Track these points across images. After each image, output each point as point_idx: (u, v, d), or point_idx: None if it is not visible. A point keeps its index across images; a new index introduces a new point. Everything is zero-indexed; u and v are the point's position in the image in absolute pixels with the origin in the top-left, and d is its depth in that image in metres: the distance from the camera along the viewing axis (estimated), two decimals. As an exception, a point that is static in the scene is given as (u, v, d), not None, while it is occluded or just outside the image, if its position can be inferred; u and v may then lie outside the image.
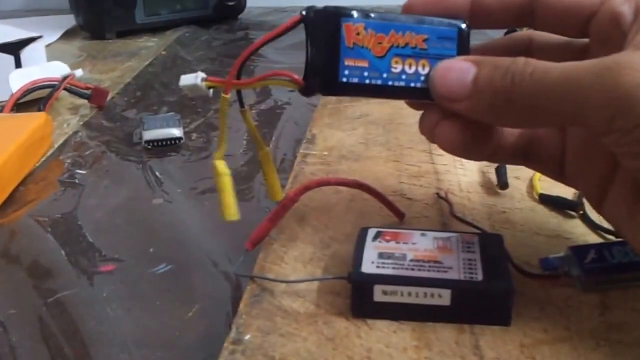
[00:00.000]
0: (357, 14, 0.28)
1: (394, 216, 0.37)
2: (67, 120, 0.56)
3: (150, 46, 0.77)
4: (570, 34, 0.30)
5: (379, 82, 0.29)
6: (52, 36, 0.79)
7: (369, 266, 0.30)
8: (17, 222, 0.41)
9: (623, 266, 0.30)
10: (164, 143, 0.50)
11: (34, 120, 0.49)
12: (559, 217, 0.37)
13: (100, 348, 0.30)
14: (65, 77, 0.56)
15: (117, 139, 0.52)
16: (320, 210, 0.38)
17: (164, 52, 0.74)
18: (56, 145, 0.51)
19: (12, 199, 0.43)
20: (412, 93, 0.29)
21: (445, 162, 0.43)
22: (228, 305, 0.33)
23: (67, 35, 0.81)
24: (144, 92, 0.63)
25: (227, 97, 0.31)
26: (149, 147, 0.50)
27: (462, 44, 0.29)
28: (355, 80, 0.28)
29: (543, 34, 0.32)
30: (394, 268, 0.30)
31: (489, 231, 0.35)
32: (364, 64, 0.28)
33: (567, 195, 0.38)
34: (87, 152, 0.50)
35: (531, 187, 0.39)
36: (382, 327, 0.29)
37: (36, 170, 0.47)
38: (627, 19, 0.27)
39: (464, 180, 0.41)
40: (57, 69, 0.58)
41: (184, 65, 0.70)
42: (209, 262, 0.36)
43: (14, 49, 0.59)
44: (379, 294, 0.29)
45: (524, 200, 0.38)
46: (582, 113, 0.25)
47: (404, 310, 0.29)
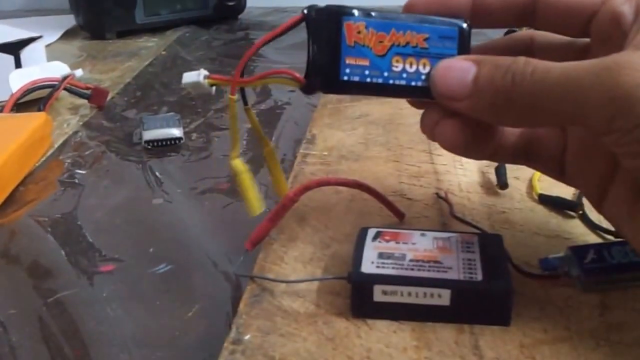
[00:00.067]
0: (358, 13, 0.28)
1: (393, 216, 0.37)
2: (67, 120, 0.56)
3: (150, 46, 0.77)
4: (571, 33, 0.30)
5: (380, 80, 0.29)
6: (52, 36, 0.79)
7: (368, 266, 0.30)
8: (17, 222, 0.41)
9: (623, 266, 0.30)
10: (164, 143, 0.50)
11: (34, 120, 0.49)
12: (559, 217, 0.37)
13: (100, 348, 0.30)
14: (65, 77, 0.56)
15: (117, 139, 0.52)
16: (320, 210, 0.38)
17: (164, 52, 0.74)
18: (56, 145, 0.51)
19: (12, 199, 0.43)
20: (413, 92, 0.29)
21: (445, 162, 0.43)
22: (228, 305, 0.33)
23: (67, 35, 0.82)
24: (144, 92, 0.63)
25: (235, 97, 0.31)
26: (149, 147, 0.50)
27: (463, 43, 0.29)
28: (356, 78, 0.29)
29: (544, 34, 0.32)
30: (393, 268, 0.30)
31: (489, 231, 0.35)
32: (365, 63, 0.28)
33: (566, 195, 0.38)
34: (87, 152, 0.50)
35: (531, 187, 0.39)
36: (382, 327, 0.29)
37: (36, 170, 0.47)
38: (627, 18, 0.27)
39: (464, 181, 0.41)
40: (57, 69, 0.58)
41: (184, 65, 0.70)
42: (209, 262, 0.36)
43: (14, 49, 0.59)
44: (379, 294, 0.29)
45: (523, 201, 0.38)
46: (582, 113, 0.25)
47: (404, 310, 0.29)
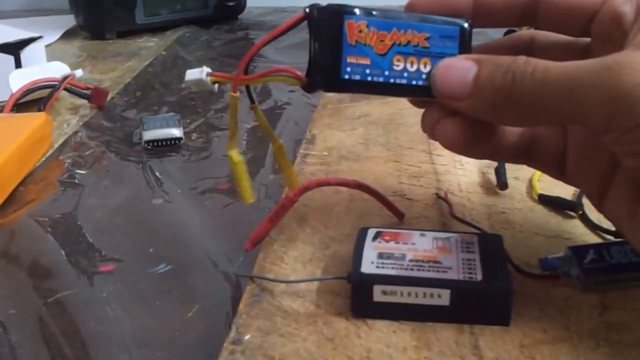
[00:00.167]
0: (359, 12, 0.28)
1: (393, 216, 0.37)
2: (67, 120, 0.56)
3: (150, 46, 0.77)
4: (572, 33, 0.30)
5: (381, 79, 0.29)
6: (52, 36, 0.79)
7: (368, 266, 0.30)
8: (17, 222, 0.41)
9: (622, 266, 0.30)
10: (164, 143, 0.50)
11: (34, 120, 0.49)
12: (559, 217, 0.37)
13: (100, 348, 0.30)
14: (65, 77, 0.56)
15: (117, 139, 0.52)
16: (320, 210, 0.38)
17: (164, 52, 0.74)
18: (56, 146, 0.51)
19: (12, 199, 0.43)
20: (414, 91, 0.29)
21: (445, 162, 0.43)
22: (228, 306, 0.33)
23: (67, 35, 0.81)
24: (144, 92, 0.63)
25: (236, 94, 0.31)
26: (149, 147, 0.50)
27: (464, 42, 0.29)
28: (357, 77, 0.29)
29: (545, 34, 0.32)
30: (393, 268, 0.30)
31: (489, 231, 0.35)
32: (366, 62, 0.28)
33: (566, 195, 0.38)
34: (87, 152, 0.50)
35: (531, 187, 0.39)
36: (381, 327, 0.29)
37: (36, 170, 0.47)
38: (628, 18, 0.27)
39: (464, 181, 0.41)
40: (57, 69, 0.58)
41: (184, 65, 0.70)
42: (209, 262, 0.36)
43: (14, 49, 0.59)
44: (379, 294, 0.29)
45: (523, 201, 0.38)
46: (582, 112, 0.25)
47: (404, 310, 0.29)
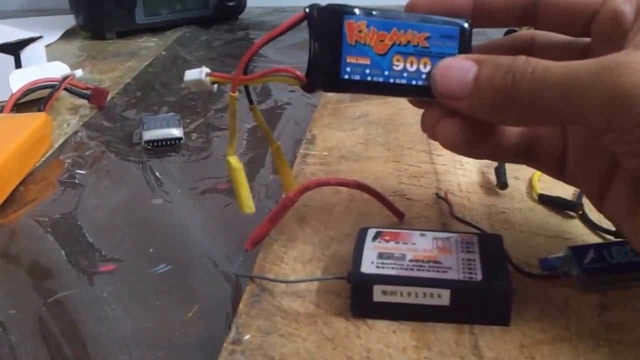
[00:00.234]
0: (359, 12, 0.28)
1: (393, 216, 0.37)
2: (67, 120, 0.56)
3: (150, 46, 0.77)
4: (572, 33, 0.30)
5: (381, 79, 0.29)
6: (52, 36, 0.79)
7: (368, 266, 0.30)
8: (17, 222, 0.41)
9: (622, 266, 0.30)
10: (164, 143, 0.50)
11: (34, 120, 0.49)
12: (559, 217, 0.37)
13: (100, 348, 0.30)
14: (65, 78, 0.56)
15: (117, 139, 0.52)
16: (320, 210, 0.38)
17: (164, 52, 0.74)
18: (56, 146, 0.51)
19: (12, 199, 0.43)
20: (414, 91, 0.29)
21: (445, 162, 0.43)
22: (228, 306, 0.33)
23: (67, 35, 0.81)
24: (144, 92, 0.63)
25: (236, 95, 0.31)
26: (149, 147, 0.50)
27: (464, 42, 0.29)
28: (357, 77, 0.29)
29: (545, 34, 0.32)
30: (393, 268, 0.30)
31: (489, 231, 0.35)
32: (366, 62, 0.28)
33: (566, 195, 0.38)
34: (87, 153, 0.50)
35: (531, 187, 0.39)
36: (381, 327, 0.29)
37: (36, 170, 0.47)
38: (628, 18, 0.27)
39: (464, 181, 0.41)
40: (57, 69, 0.58)
41: (184, 65, 0.70)
42: (209, 262, 0.36)
43: (14, 49, 0.59)
44: (379, 294, 0.29)
45: (523, 201, 0.38)
46: (582, 112, 0.25)
47: (404, 310, 0.29)
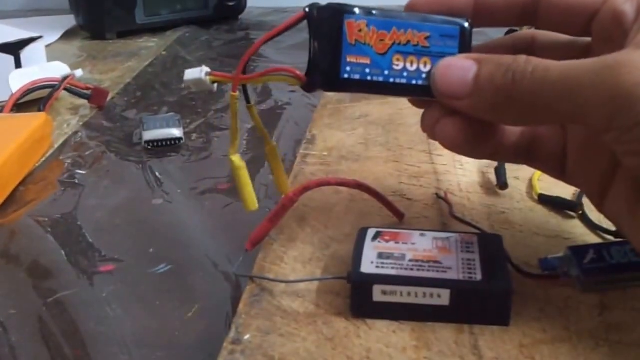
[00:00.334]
0: (359, 11, 0.28)
1: (393, 216, 0.37)
2: (67, 120, 0.56)
3: (150, 46, 0.77)
4: (573, 32, 0.30)
5: (381, 79, 0.29)
6: (53, 36, 0.79)
7: (368, 266, 0.30)
8: (17, 222, 0.41)
9: (622, 266, 0.30)
10: (164, 143, 0.50)
11: (34, 120, 0.49)
12: (558, 217, 0.37)
13: (100, 348, 0.30)
14: (65, 78, 0.56)
15: (117, 140, 0.52)
16: (320, 210, 0.38)
17: (164, 53, 0.74)
18: (56, 146, 0.51)
19: (12, 199, 0.43)
20: (414, 90, 0.29)
21: (445, 162, 0.43)
22: (228, 306, 0.33)
23: (67, 35, 0.81)
24: (144, 92, 0.63)
25: (236, 94, 0.31)
26: (149, 147, 0.50)
27: (464, 42, 0.29)
28: (357, 76, 0.29)
29: (546, 33, 0.32)
30: (393, 268, 0.30)
31: (489, 231, 0.35)
32: (366, 61, 0.28)
33: (566, 195, 0.38)
34: (87, 153, 0.50)
35: (531, 187, 0.39)
36: (381, 327, 0.29)
37: (36, 170, 0.47)
38: (628, 17, 0.27)
39: (464, 181, 0.41)
40: (57, 69, 0.58)
41: (185, 65, 0.70)
42: (209, 263, 0.36)
43: (14, 49, 0.59)
44: (379, 294, 0.29)
45: (523, 201, 0.38)
46: (582, 111, 0.25)
47: (404, 310, 0.29)
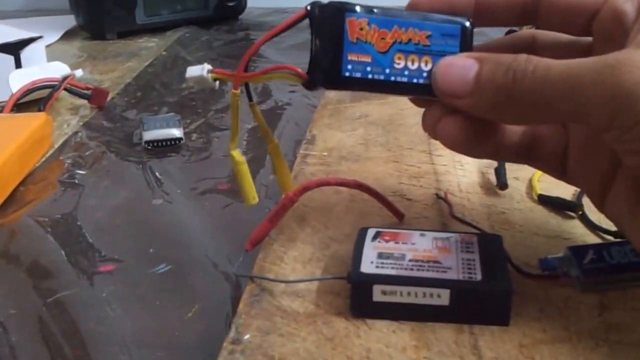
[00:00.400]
0: (360, 10, 0.28)
1: (393, 217, 0.37)
2: (67, 120, 0.56)
3: (150, 47, 0.77)
4: (574, 32, 0.30)
5: (382, 77, 0.29)
6: (53, 36, 0.79)
7: (368, 266, 0.30)
8: (17, 222, 0.41)
9: (622, 266, 0.30)
10: (164, 143, 0.50)
11: (34, 120, 0.49)
12: (558, 217, 0.37)
13: (100, 348, 0.30)
14: (65, 78, 0.56)
15: (117, 140, 0.52)
16: (320, 210, 0.38)
17: (164, 53, 0.74)
18: (56, 146, 0.51)
19: (12, 199, 0.43)
20: (415, 89, 0.29)
21: (445, 162, 0.43)
22: (228, 306, 0.33)
23: (68, 35, 0.81)
24: (144, 92, 0.63)
25: (237, 92, 0.31)
26: (149, 147, 0.50)
27: (465, 41, 0.29)
28: (358, 75, 0.29)
29: (546, 33, 0.32)
30: (393, 268, 0.30)
31: (489, 231, 0.35)
32: (367, 59, 0.28)
33: (566, 196, 0.38)
34: (87, 153, 0.50)
35: (530, 187, 0.39)
36: (381, 327, 0.29)
37: (36, 170, 0.47)
38: (629, 17, 0.27)
39: (464, 181, 0.41)
40: (57, 69, 0.58)
41: (185, 65, 0.70)
42: (209, 263, 0.36)
43: (14, 49, 0.59)
44: (378, 294, 0.29)
45: (523, 201, 0.38)
46: (583, 110, 0.25)
47: (403, 310, 0.29)
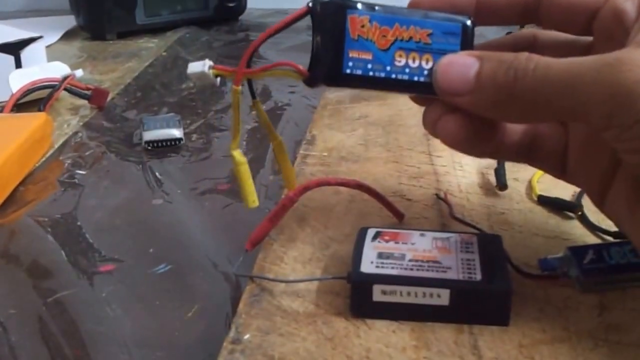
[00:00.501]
0: (362, 7, 0.28)
1: (393, 217, 0.37)
2: (67, 120, 0.56)
3: (150, 47, 0.77)
4: (574, 31, 0.30)
5: (383, 74, 0.29)
6: (53, 37, 0.79)
7: (368, 266, 0.30)
8: (17, 222, 0.41)
9: (621, 267, 0.30)
10: (164, 144, 0.50)
11: (34, 120, 0.49)
12: (558, 218, 0.37)
13: (100, 348, 0.30)
14: (65, 78, 0.56)
15: (117, 140, 0.52)
16: (320, 210, 0.38)
17: (164, 53, 0.74)
18: (56, 146, 0.51)
19: (12, 199, 0.43)
20: (416, 87, 0.29)
21: (444, 163, 0.43)
22: (227, 306, 0.33)
23: (68, 35, 0.81)
24: (144, 92, 0.63)
25: (239, 88, 0.31)
26: (149, 147, 0.50)
27: (466, 40, 0.29)
28: (359, 72, 0.29)
29: (547, 32, 0.32)
30: (393, 268, 0.30)
31: (488, 232, 0.35)
32: (368, 57, 0.28)
33: (565, 196, 0.38)
34: (87, 153, 0.50)
35: (530, 188, 0.39)
36: (381, 327, 0.29)
37: (36, 170, 0.47)
38: (630, 16, 0.27)
39: (463, 182, 0.41)
40: (57, 70, 0.58)
41: (185, 66, 0.70)
42: (209, 263, 0.36)
43: (14, 49, 0.59)
44: (378, 293, 0.29)
45: (522, 202, 0.38)
46: (583, 109, 0.25)
47: (403, 310, 0.29)
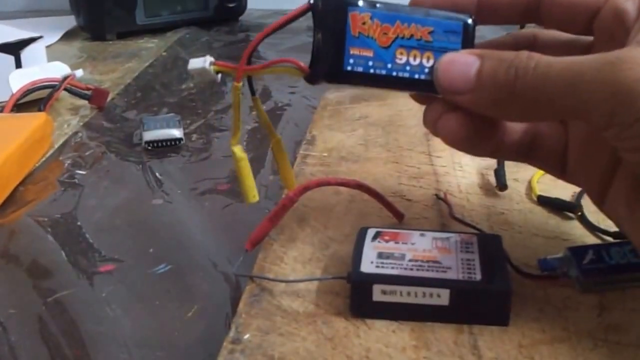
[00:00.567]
0: (363, 4, 0.28)
1: (393, 217, 0.37)
2: (68, 120, 0.56)
3: (150, 47, 0.77)
4: (575, 30, 0.30)
5: (383, 72, 0.29)
6: (53, 37, 0.79)
7: (368, 266, 0.30)
8: (17, 222, 0.41)
9: (621, 267, 0.30)
10: (164, 144, 0.50)
11: (34, 120, 0.49)
12: (558, 218, 0.37)
13: (100, 348, 0.30)
14: (65, 78, 0.56)
15: (117, 140, 0.52)
16: (320, 210, 0.38)
17: (164, 53, 0.74)
18: (56, 146, 0.51)
19: (12, 199, 0.43)
20: (416, 85, 0.29)
21: (444, 163, 0.43)
22: (227, 306, 0.33)
23: (68, 36, 0.82)
24: (144, 93, 0.63)
25: (239, 85, 0.31)
26: (149, 147, 0.50)
27: (467, 38, 0.29)
28: (360, 69, 0.29)
29: (547, 32, 0.32)
30: (393, 268, 0.30)
31: (488, 232, 0.35)
32: (369, 54, 0.29)
33: (565, 197, 0.38)
34: (87, 153, 0.50)
35: (530, 188, 0.39)
36: (381, 327, 0.29)
37: (36, 170, 0.47)
38: (630, 15, 0.27)
39: (463, 182, 0.41)
40: (58, 70, 0.58)
41: (185, 66, 0.70)
42: (209, 263, 0.36)
43: (14, 49, 0.59)
44: (378, 293, 0.29)
45: (522, 202, 0.38)
46: (583, 107, 0.25)
47: (403, 310, 0.29)
